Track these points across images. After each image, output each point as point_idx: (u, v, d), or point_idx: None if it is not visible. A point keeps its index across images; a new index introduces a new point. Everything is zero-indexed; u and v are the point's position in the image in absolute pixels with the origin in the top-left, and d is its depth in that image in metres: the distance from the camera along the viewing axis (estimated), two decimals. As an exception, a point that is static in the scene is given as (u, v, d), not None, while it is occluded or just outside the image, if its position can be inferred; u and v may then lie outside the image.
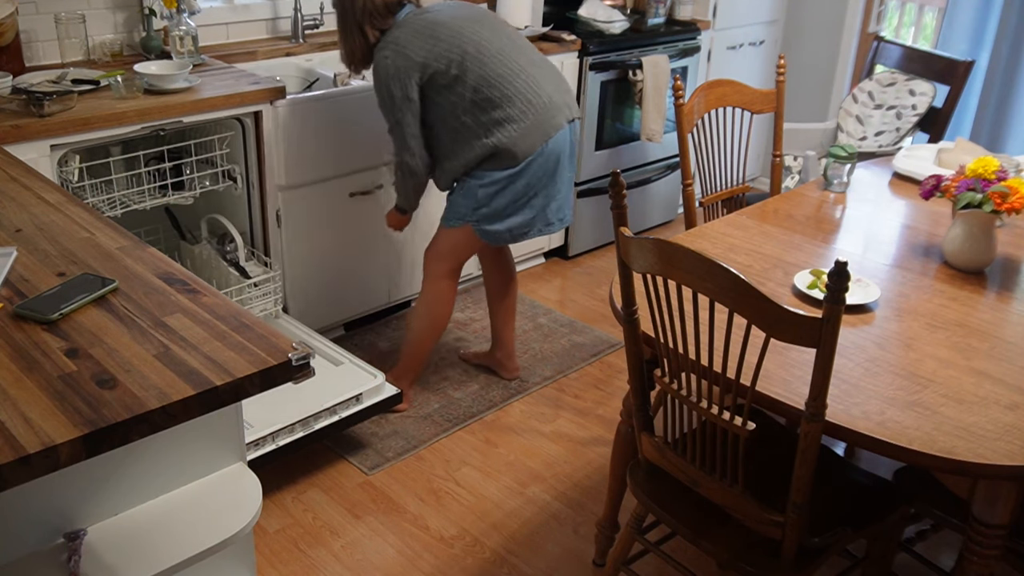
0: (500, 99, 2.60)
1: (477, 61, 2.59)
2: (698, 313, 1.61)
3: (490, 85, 2.59)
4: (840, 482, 1.95)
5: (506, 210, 2.71)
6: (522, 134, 2.62)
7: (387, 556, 2.41)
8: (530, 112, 2.63)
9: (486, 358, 3.22)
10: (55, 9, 2.91)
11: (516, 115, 2.61)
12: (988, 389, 1.70)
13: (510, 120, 2.61)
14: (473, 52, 2.59)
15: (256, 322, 1.41)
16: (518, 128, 2.61)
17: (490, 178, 2.66)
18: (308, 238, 3.10)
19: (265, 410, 2.48)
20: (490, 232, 2.74)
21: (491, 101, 2.59)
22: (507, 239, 2.77)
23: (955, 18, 4.20)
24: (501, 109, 2.60)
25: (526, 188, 2.69)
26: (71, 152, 2.55)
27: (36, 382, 1.23)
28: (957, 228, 2.14)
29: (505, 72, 2.61)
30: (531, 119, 2.63)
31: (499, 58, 2.62)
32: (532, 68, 2.68)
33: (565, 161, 2.75)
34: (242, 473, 1.53)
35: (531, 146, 2.63)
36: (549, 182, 2.73)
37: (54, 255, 1.60)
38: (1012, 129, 4.10)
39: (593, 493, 2.67)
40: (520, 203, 2.71)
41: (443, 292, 2.86)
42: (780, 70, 2.91)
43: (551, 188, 2.74)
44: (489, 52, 2.61)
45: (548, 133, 2.66)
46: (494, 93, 2.59)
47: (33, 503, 1.31)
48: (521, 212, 2.72)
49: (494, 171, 2.66)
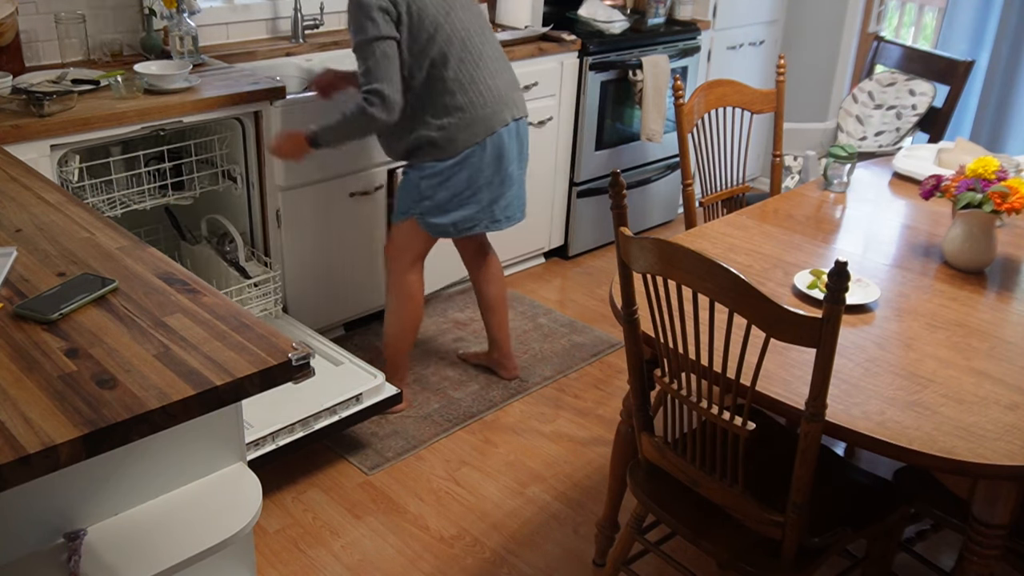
0: (453, 83, 2.58)
1: (446, 37, 2.56)
2: (698, 313, 1.61)
3: (448, 66, 2.56)
4: (840, 482, 1.94)
5: (449, 203, 2.70)
6: (466, 124, 2.60)
7: (387, 556, 2.41)
8: (479, 104, 2.61)
9: (484, 358, 3.22)
10: (55, 9, 2.91)
11: (465, 104, 2.59)
12: (988, 389, 1.70)
13: (457, 108, 2.59)
14: (447, 27, 2.56)
15: (256, 322, 1.41)
16: (463, 117, 2.60)
17: (431, 169, 2.66)
18: (308, 238, 3.10)
19: (265, 410, 2.48)
20: (434, 225, 2.74)
21: (444, 82, 2.57)
22: (452, 232, 2.77)
23: (955, 18, 4.20)
24: (451, 95, 2.58)
25: (468, 182, 2.68)
26: (71, 152, 2.55)
27: (36, 382, 1.23)
28: (957, 228, 2.14)
29: (467, 57, 2.59)
30: (478, 111, 2.61)
31: (467, 43, 2.59)
32: (492, 61, 2.66)
33: (513, 157, 2.74)
34: (242, 473, 1.53)
35: (471, 138, 2.62)
36: (494, 177, 2.72)
37: (54, 255, 1.60)
38: (1012, 129, 4.10)
39: (593, 493, 2.67)
40: (464, 197, 2.70)
41: (409, 286, 2.84)
42: (780, 70, 2.91)
43: (497, 184, 2.74)
44: (459, 32, 2.58)
45: (492, 127, 2.65)
46: (449, 75, 2.57)
47: (33, 503, 1.31)
48: (465, 206, 2.72)
49: (434, 162, 2.65)
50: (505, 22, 3.83)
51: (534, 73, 3.64)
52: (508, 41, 3.57)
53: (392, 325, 2.90)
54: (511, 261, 3.95)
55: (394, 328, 2.90)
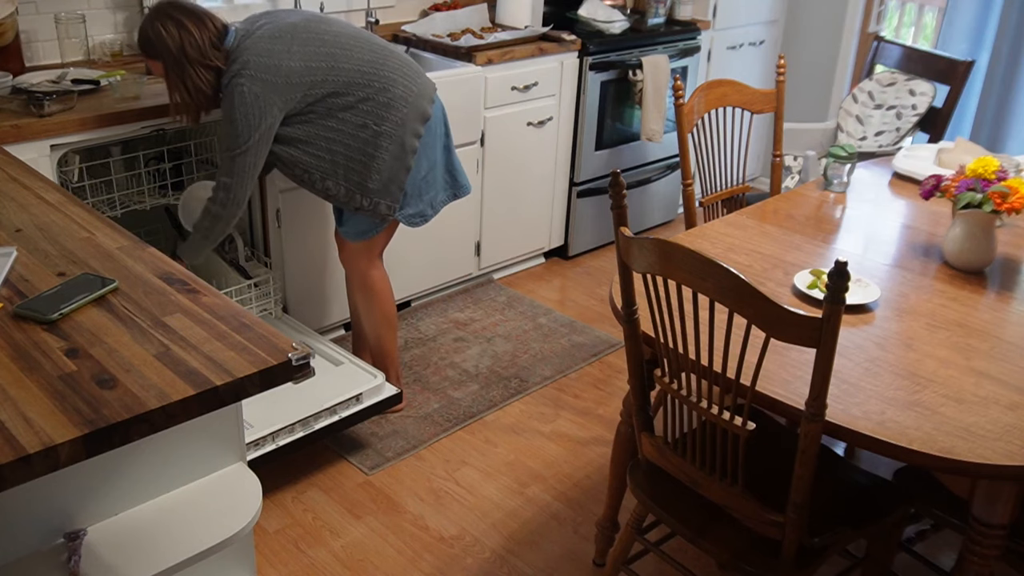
0: (379, 90, 2.51)
1: (344, 59, 2.48)
2: (698, 313, 1.61)
3: (367, 80, 2.50)
4: (840, 482, 1.94)
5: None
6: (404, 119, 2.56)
7: (387, 556, 2.41)
8: (410, 95, 2.56)
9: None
10: (55, 9, 2.91)
11: (397, 99, 2.54)
12: (988, 389, 1.70)
13: (396, 103, 2.54)
14: (336, 52, 2.48)
15: (256, 322, 1.41)
16: (401, 114, 2.55)
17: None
18: (308, 238, 3.10)
19: (265, 410, 2.48)
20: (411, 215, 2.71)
21: (370, 92, 2.51)
22: (430, 215, 2.75)
23: (955, 18, 4.21)
24: (386, 95, 2.52)
25: (429, 167, 2.67)
26: (71, 152, 2.55)
27: (36, 382, 1.23)
28: (957, 228, 2.14)
29: (372, 58, 2.53)
30: (412, 102, 2.56)
31: (357, 50, 2.52)
32: (383, 49, 2.59)
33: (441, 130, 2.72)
34: (242, 473, 1.53)
35: (416, 132, 2.58)
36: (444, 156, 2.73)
37: (54, 255, 1.60)
38: (1012, 129, 4.10)
39: (593, 493, 2.67)
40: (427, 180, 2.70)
41: (376, 282, 2.81)
42: (780, 70, 2.91)
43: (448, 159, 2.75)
44: (346, 46, 2.50)
45: (426, 111, 2.61)
46: (374, 84, 2.50)
47: (33, 503, 1.31)
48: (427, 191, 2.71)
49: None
50: (505, 22, 3.83)
51: (534, 73, 3.64)
52: (508, 41, 3.57)
53: (374, 328, 2.86)
54: (511, 261, 3.95)
55: (377, 330, 2.86)
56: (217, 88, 2.43)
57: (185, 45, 2.36)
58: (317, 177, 2.54)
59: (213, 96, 2.45)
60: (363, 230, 2.70)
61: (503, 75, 3.52)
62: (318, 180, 2.55)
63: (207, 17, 2.41)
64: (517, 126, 3.67)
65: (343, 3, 3.61)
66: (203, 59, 2.38)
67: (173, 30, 2.36)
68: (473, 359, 3.30)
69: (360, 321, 2.99)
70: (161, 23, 2.37)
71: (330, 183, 2.55)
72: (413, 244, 3.41)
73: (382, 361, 2.91)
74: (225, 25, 2.44)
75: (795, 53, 4.76)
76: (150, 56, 2.43)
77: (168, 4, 2.41)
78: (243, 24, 2.47)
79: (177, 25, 2.36)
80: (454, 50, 3.48)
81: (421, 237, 3.40)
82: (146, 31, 2.40)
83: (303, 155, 2.51)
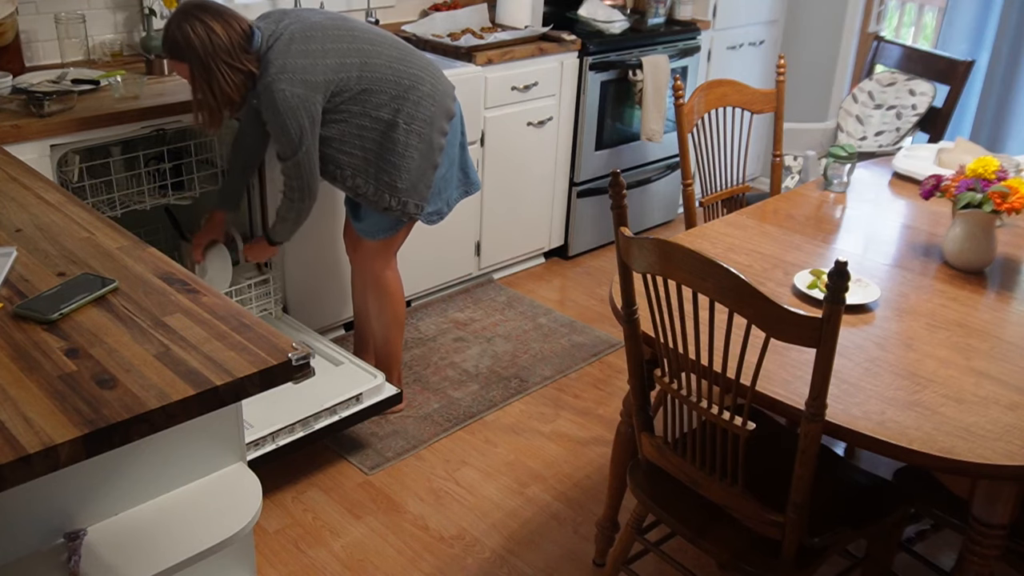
0: (408, 87, 2.51)
1: (375, 55, 2.48)
2: (698, 313, 1.61)
3: (397, 77, 2.50)
4: (840, 482, 1.94)
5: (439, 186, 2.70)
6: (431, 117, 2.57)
7: (387, 556, 2.41)
8: (436, 93, 2.57)
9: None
10: (55, 9, 2.91)
11: (424, 95, 2.54)
12: (988, 389, 1.70)
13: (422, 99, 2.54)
14: (367, 48, 2.48)
15: (256, 322, 1.41)
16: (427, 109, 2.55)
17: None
18: (308, 238, 3.10)
19: (265, 410, 2.48)
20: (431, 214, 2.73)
21: (402, 89, 2.51)
22: (446, 211, 2.77)
23: (955, 18, 4.21)
24: (415, 92, 2.52)
25: (449, 165, 2.68)
26: (71, 152, 2.55)
27: (36, 382, 1.23)
28: (957, 228, 2.14)
29: (399, 55, 2.53)
30: (438, 100, 2.57)
31: (384, 47, 2.52)
32: (406, 47, 2.59)
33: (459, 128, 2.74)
34: (242, 473, 1.53)
35: (442, 129, 2.60)
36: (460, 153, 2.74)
37: (54, 255, 1.60)
38: (1012, 129, 4.10)
39: (593, 493, 2.67)
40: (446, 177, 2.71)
41: (391, 282, 2.82)
42: (780, 70, 2.91)
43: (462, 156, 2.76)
44: (374, 42, 2.51)
45: (450, 109, 2.62)
46: (404, 81, 2.50)
47: (33, 503, 1.31)
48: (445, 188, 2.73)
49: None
50: (505, 22, 3.83)
51: (534, 73, 3.64)
52: (508, 41, 3.57)
53: (384, 328, 2.87)
54: (511, 261, 3.95)
55: (388, 330, 2.87)
56: (245, 92, 2.39)
57: (212, 46, 2.31)
58: (348, 174, 2.55)
59: (240, 99, 2.40)
60: (384, 227, 2.70)
61: (503, 75, 3.52)
62: (348, 177, 2.56)
63: (233, 18, 2.37)
64: (517, 126, 3.67)
65: (343, 3, 3.61)
66: (231, 60, 2.33)
67: (201, 31, 2.31)
68: (473, 359, 3.31)
69: (367, 322, 2.99)
70: (188, 24, 2.31)
71: (360, 180, 2.56)
72: (413, 244, 3.40)
73: (386, 361, 2.91)
74: (250, 25, 2.40)
75: (795, 53, 4.76)
76: (176, 58, 2.36)
77: (193, 5, 2.36)
78: (265, 24, 2.42)
79: (204, 26, 2.31)
80: (454, 50, 3.48)
81: (421, 237, 3.39)
82: (172, 33, 2.33)
83: (336, 153, 2.52)
